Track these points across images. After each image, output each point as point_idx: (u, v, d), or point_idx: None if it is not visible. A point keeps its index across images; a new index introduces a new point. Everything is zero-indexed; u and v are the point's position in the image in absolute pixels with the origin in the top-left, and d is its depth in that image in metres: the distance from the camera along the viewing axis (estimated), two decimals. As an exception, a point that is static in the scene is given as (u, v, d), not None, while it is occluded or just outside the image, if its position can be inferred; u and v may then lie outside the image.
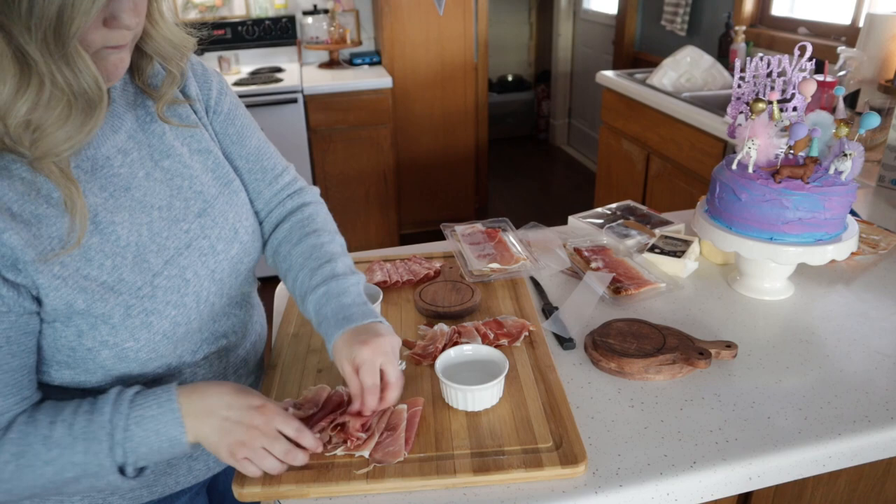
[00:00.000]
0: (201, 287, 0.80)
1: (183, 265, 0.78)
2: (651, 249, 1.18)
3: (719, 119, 2.19)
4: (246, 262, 0.87)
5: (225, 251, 0.82)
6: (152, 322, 0.74)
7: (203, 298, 0.80)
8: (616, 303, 1.07)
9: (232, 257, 0.83)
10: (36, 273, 0.67)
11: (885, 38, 2.12)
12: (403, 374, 0.80)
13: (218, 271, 0.82)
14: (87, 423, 0.69)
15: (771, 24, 2.87)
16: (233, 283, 0.85)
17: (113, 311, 0.72)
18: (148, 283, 0.75)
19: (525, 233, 1.30)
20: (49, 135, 0.64)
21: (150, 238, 0.76)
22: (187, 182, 0.81)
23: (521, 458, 0.74)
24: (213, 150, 0.85)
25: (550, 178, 4.74)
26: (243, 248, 0.85)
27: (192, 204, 0.81)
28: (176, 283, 0.77)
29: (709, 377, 0.89)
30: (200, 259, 0.80)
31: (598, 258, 1.17)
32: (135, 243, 0.75)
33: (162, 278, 0.76)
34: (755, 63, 1.19)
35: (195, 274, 0.79)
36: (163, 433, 0.70)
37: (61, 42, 0.60)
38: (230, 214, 0.84)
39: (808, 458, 0.77)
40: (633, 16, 3.79)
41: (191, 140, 0.83)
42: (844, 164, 0.97)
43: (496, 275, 1.11)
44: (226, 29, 3.38)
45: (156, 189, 0.78)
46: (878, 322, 1.01)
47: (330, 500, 0.72)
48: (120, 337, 0.72)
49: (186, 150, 0.82)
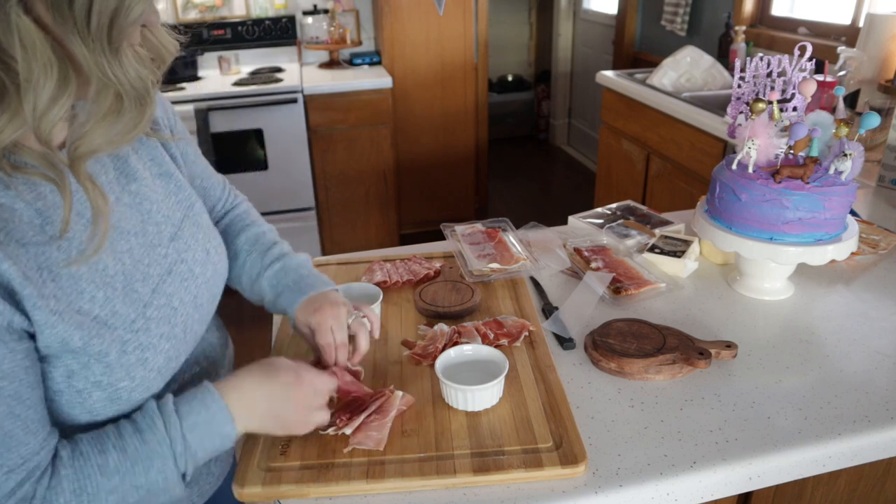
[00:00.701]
0: (187, 315, 0.77)
1: (169, 293, 0.75)
2: (651, 249, 1.18)
3: (719, 119, 2.19)
4: (219, 285, 0.86)
5: (202, 274, 0.81)
6: (148, 358, 0.71)
7: (189, 327, 0.78)
8: (616, 303, 1.07)
9: (208, 280, 0.82)
10: (33, 309, 0.62)
11: (885, 38, 2.12)
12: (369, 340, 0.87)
13: (199, 297, 0.80)
14: (141, 444, 0.67)
15: (771, 24, 2.87)
16: (210, 309, 0.84)
17: (109, 348, 0.68)
18: (140, 315, 0.71)
19: (525, 233, 1.30)
20: (95, 130, 0.64)
21: (133, 266, 0.73)
22: (154, 206, 0.78)
23: (521, 458, 0.74)
24: (175, 174, 0.83)
25: (550, 178, 4.74)
26: (216, 270, 0.84)
27: (163, 228, 0.78)
28: (165, 312, 0.74)
29: (709, 377, 0.89)
30: (183, 285, 0.78)
31: (598, 258, 1.17)
32: (121, 272, 0.71)
33: (152, 309, 0.73)
34: (755, 63, 1.19)
35: (181, 301, 0.77)
36: (216, 434, 0.70)
37: (113, 42, 0.61)
38: (199, 236, 0.82)
39: (808, 458, 0.77)
40: (633, 16, 3.79)
41: (151, 164, 0.81)
42: (844, 164, 0.97)
43: (496, 275, 1.11)
44: (226, 29, 3.38)
45: (127, 214, 0.75)
46: (878, 322, 1.01)
47: (330, 500, 0.72)
48: (115, 376, 0.68)
49: (149, 175, 0.80)
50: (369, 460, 0.75)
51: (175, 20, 3.39)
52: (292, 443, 0.78)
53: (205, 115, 2.90)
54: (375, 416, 0.79)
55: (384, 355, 0.96)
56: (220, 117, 2.94)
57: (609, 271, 1.12)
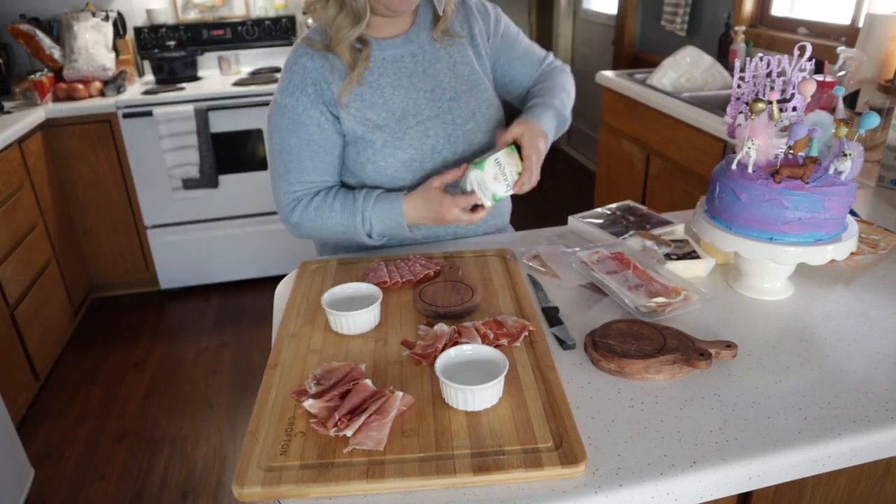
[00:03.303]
0: (438, 143, 1.27)
1: (427, 126, 1.26)
2: (667, 258, 1.15)
3: (719, 119, 2.19)
4: (479, 135, 1.31)
5: (462, 125, 1.28)
6: (397, 153, 1.24)
7: (438, 150, 1.27)
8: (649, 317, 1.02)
9: (467, 131, 1.29)
10: (340, 110, 1.23)
11: (885, 38, 2.12)
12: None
13: (454, 136, 1.28)
14: (351, 203, 1.22)
15: (771, 24, 2.87)
16: (466, 147, 1.30)
17: (375, 139, 1.23)
18: (402, 131, 1.24)
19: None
20: (342, 29, 1.18)
21: (413, 106, 1.25)
22: (447, 79, 1.28)
23: (521, 457, 0.74)
24: (471, 63, 1.31)
25: (550, 178, 4.73)
26: (476, 125, 1.29)
27: (447, 92, 1.27)
28: (419, 136, 1.25)
29: (709, 377, 0.89)
30: (442, 127, 1.27)
31: (622, 270, 1.11)
32: (401, 107, 1.24)
33: (412, 130, 1.25)
34: (755, 63, 1.19)
35: (435, 133, 1.26)
36: (391, 219, 1.22)
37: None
38: (472, 104, 1.29)
39: (808, 458, 0.77)
40: (633, 16, 3.79)
41: (457, 55, 1.30)
42: (844, 164, 0.97)
43: (667, 311, 1.02)
44: (226, 29, 3.38)
45: (427, 80, 1.27)
46: (878, 322, 1.01)
47: (330, 500, 0.72)
48: (378, 157, 1.24)
49: (453, 61, 1.29)
50: (369, 460, 0.75)
51: (175, 20, 3.39)
52: (292, 443, 0.78)
53: (205, 115, 2.90)
54: (375, 416, 0.79)
55: (384, 355, 0.96)
56: (220, 117, 2.94)
57: (639, 286, 1.07)
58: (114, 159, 2.96)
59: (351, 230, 1.22)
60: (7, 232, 2.39)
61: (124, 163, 2.96)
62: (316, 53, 1.22)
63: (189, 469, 2.18)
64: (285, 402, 0.86)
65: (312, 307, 1.09)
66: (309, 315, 1.07)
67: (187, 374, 2.66)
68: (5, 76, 3.10)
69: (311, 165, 1.24)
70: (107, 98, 2.97)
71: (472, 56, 1.32)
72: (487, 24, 1.34)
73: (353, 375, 0.87)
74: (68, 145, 2.89)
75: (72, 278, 2.94)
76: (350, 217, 1.21)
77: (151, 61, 3.23)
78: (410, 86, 1.25)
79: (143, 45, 3.34)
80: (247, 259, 3.26)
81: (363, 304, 1.02)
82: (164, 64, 3.19)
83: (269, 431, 0.80)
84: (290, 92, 1.22)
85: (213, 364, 2.70)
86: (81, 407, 2.50)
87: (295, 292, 1.14)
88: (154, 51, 3.30)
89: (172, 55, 3.21)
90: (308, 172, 1.24)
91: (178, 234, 3.13)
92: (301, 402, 0.84)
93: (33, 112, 2.73)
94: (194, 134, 2.90)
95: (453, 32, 1.30)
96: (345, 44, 1.19)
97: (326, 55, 1.22)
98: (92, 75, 3.08)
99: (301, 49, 1.23)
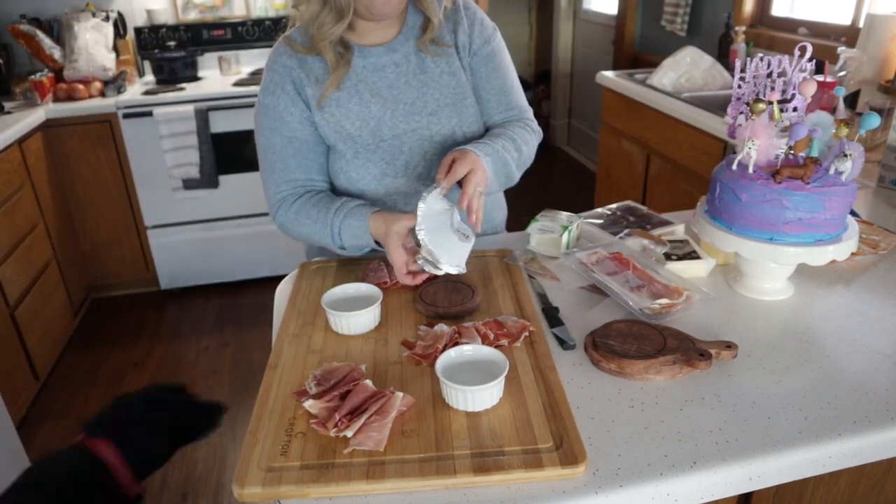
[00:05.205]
0: (412, 159, 1.23)
1: (403, 140, 1.22)
2: (667, 258, 1.15)
3: (719, 119, 2.19)
4: (447, 149, 1.20)
5: (440, 143, 1.23)
6: (368, 166, 1.22)
7: (412, 167, 1.24)
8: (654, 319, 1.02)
9: (445, 149, 1.21)
10: (314, 113, 1.20)
11: (885, 38, 2.12)
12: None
13: (430, 153, 1.23)
14: (324, 215, 1.16)
15: (771, 24, 2.87)
16: (437, 161, 1.23)
17: (346, 150, 1.21)
18: (375, 143, 1.21)
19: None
20: (324, 26, 1.12)
21: (390, 118, 1.20)
22: (430, 91, 1.22)
23: (521, 458, 0.74)
24: (458, 75, 1.24)
25: (550, 178, 4.74)
26: (455, 144, 1.22)
27: (428, 105, 1.22)
28: (393, 150, 1.22)
29: (709, 377, 0.89)
30: (418, 142, 1.22)
31: (624, 272, 1.11)
32: (378, 118, 1.20)
33: (385, 143, 1.21)
34: (755, 63, 1.19)
35: (410, 149, 1.22)
36: (356, 235, 1.14)
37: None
38: (454, 120, 1.23)
39: (809, 458, 0.77)
40: (633, 16, 3.79)
41: (444, 66, 1.23)
42: (844, 165, 0.97)
43: (669, 313, 1.02)
44: (226, 29, 3.38)
45: (409, 92, 1.21)
46: (878, 322, 1.01)
47: (330, 500, 0.72)
48: (350, 167, 1.23)
49: (439, 72, 1.22)
50: (369, 460, 0.75)
51: (175, 20, 3.39)
52: (292, 443, 0.78)
53: (205, 116, 2.90)
54: (376, 416, 0.79)
55: (384, 356, 0.96)
56: (220, 117, 2.94)
57: (641, 287, 1.07)
58: (114, 159, 2.96)
59: (326, 240, 1.17)
60: (7, 232, 2.39)
61: (124, 163, 2.96)
62: (294, 54, 1.19)
63: (189, 469, 2.18)
64: (285, 402, 0.86)
65: (312, 307, 1.09)
66: (309, 315, 1.07)
67: (187, 374, 2.66)
68: (5, 76, 3.10)
69: (295, 163, 1.21)
70: (107, 98, 2.97)
71: (460, 67, 1.25)
72: (472, 35, 1.25)
73: (353, 376, 0.88)
74: (68, 145, 2.89)
75: (72, 278, 2.94)
76: (322, 227, 1.16)
77: (151, 61, 3.23)
78: (390, 97, 1.20)
79: (143, 46, 3.34)
80: (247, 259, 3.26)
81: (363, 304, 1.02)
82: (164, 64, 3.19)
83: (270, 432, 0.80)
84: (271, 90, 1.20)
85: (213, 364, 2.70)
86: (81, 407, 2.50)
87: (295, 292, 1.14)
88: (154, 51, 3.30)
89: (172, 55, 3.21)
90: (292, 171, 1.21)
91: (178, 234, 3.13)
92: (301, 402, 0.84)
93: (33, 112, 2.73)
94: (194, 134, 2.89)
95: (441, 42, 1.23)
96: (327, 42, 1.15)
97: (305, 58, 1.19)
98: (92, 75, 3.08)
99: (281, 48, 1.21)
